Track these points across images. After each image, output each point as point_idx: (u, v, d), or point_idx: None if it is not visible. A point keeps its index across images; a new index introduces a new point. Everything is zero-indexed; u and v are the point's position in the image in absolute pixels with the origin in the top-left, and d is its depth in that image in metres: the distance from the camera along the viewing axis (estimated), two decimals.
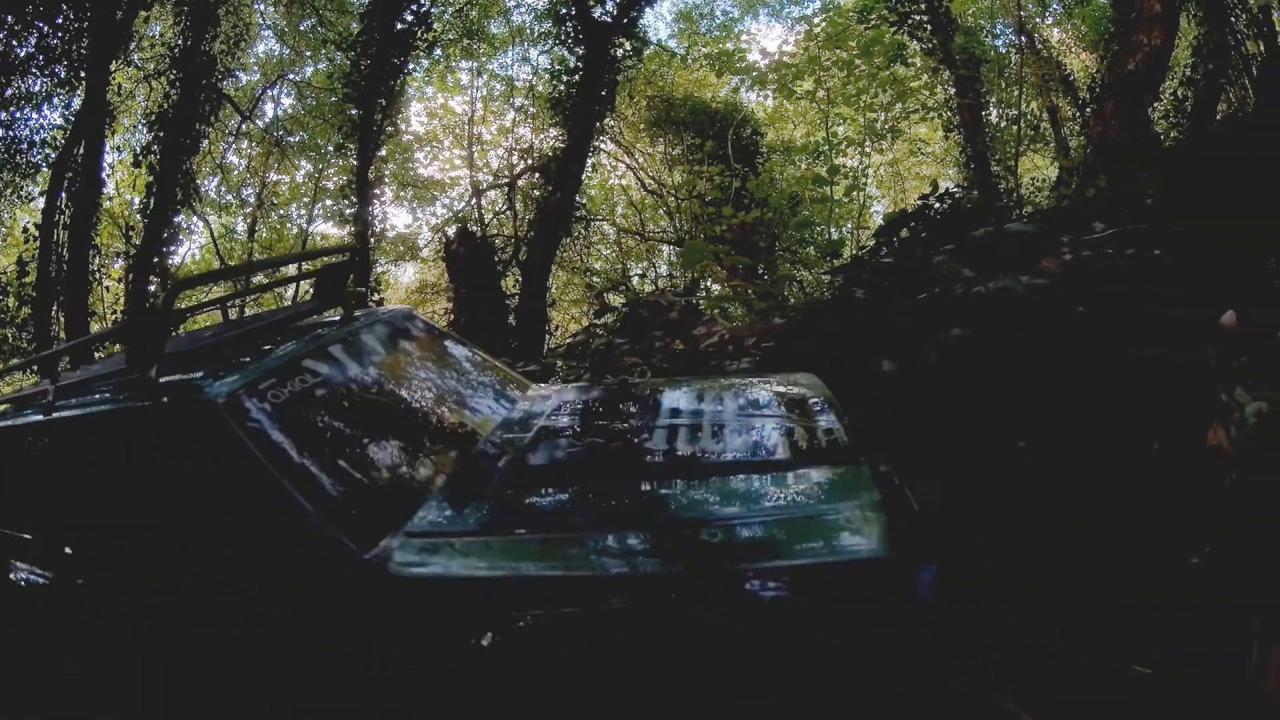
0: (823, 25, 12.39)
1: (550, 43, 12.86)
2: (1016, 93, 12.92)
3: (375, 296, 12.74)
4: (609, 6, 11.78)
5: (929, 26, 12.96)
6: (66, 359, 8.88)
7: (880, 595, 2.11)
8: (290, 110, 15.71)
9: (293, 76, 15.54)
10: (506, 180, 14.48)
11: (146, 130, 11.58)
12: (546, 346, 11.42)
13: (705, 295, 11.94)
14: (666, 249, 16.32)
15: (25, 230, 10.56)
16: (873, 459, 2.70)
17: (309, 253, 7.36)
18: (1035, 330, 4.40)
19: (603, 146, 13.51)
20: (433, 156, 16.56)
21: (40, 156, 10.62)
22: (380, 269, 13.95)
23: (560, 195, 11.79)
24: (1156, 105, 11.14)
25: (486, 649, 2.20)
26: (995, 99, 14.24)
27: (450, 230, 12.84)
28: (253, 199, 15.58)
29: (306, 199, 15.58)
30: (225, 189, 15.33)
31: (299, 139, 15.32)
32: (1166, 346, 3.78)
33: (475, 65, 15.47)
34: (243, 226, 15.99)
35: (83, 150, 10.22)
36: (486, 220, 14.13)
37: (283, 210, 16.01)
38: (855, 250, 11.28)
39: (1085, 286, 4.87)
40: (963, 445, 3.74)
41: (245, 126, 14.84)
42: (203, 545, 2.66)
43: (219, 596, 2.61)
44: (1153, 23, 9.20)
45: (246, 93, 14.86)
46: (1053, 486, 3.38)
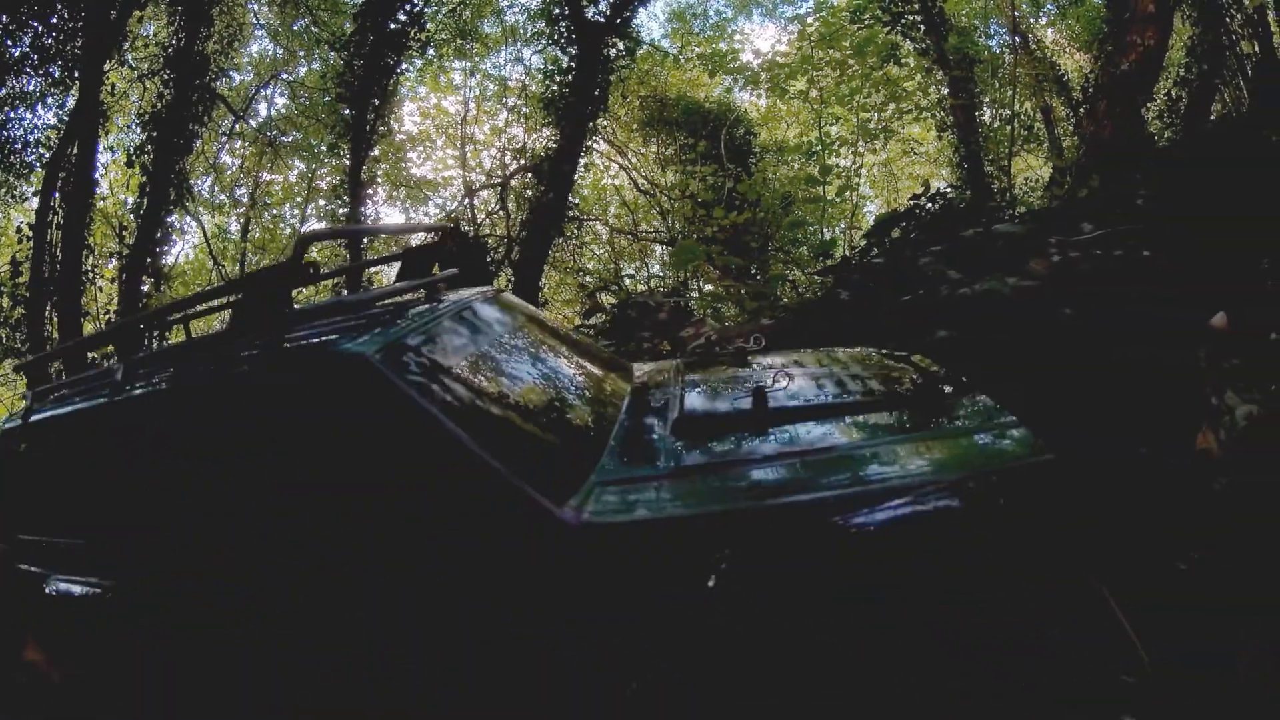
0: (816, 25, 12.39)
1: (543, 43, 12.89)
2: (1010, 93, 12.95)
3: None
4: (602, 6, 11.76)
5: (922, 26, 12.94)
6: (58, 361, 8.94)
7: (1053, 493, 2.28)
8: (284, 110, 15.70)
9: (286, 76, 15.52)
10: (499, 180, 14.43)
11: (140, 130, 11.51)
12: None
13: (698, 295, 11.96)
14: (659, 249, 16.29)
15: (19, 230, 10.51)
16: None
17: (414, 226, 7.22)
18: (1019, 332, 4.42)
19: (596, 146, 13.50)
20: (425, 156, 16.59)
21: (34, 156, 10.57)
22: (374, 270, 13.90)
23: (553, 195, 11.78)
24: (1150, 105, 11.15)
25: (715, 584, 2.14)
26: (989, 99, 14.25)
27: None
28: (246, 199, 15.56)
29: (300, 199, 15.55)
30: (218, 189, 15.32)
31: (292, 139, 15.29)
32: (1156, 346, 3.79)
33: (468, 65, 15.51)
34: (236, 226, 15.97)
35: (76, 150, 10.18)
36: (479, 220, 14.11)
37: (276, 210, 16.00)
38: (848, 250, 11.29)
39: (1072, 288, 4.89)
40: None
41: (239, 126, 14.81)
42: (378, 511, 2.45)
43: (404, 565, 2.41)
44: (1146, 23, 9.19)
45: (240, 92, 14.83)
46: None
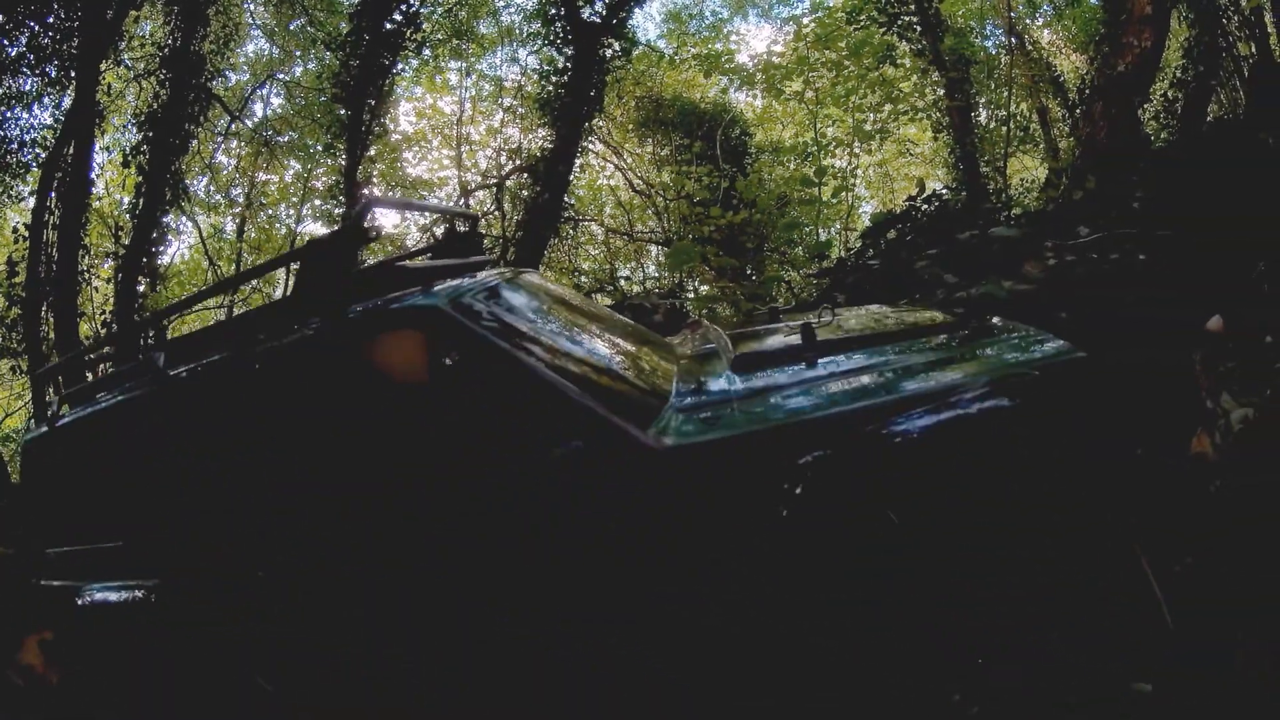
0: (812, 26, 12.39)
1: (539, 43, 12.81)
2: (1006, 94, 12.94)
3: None
4: (598, 7, 11.73)
5: (919, 27, 12.92)
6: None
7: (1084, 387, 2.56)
8: (279, 110, 15.62)
9: (282, 76, 15.44)
10: (495, 180, 14.42)
11: (136, 130, 11.48)
12: None
13: (693, 296, 11.96)
14: (655, 249, 16.29)
15: (15, 230, 10.49)
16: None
17: (455, 210, 7.23)
18: None
19: (591, 147, 13.48)
20: (421, 157, 16.49)
21: (30, 156, 10.52)
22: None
23: (548, 196, 11.75)
24: (1146, 107, 11.14)
25: (804, 489, 2.27)
26: (985, 100, 14.25)
27: (438, 230, 12.78)
28: (241, 199, 15.51)
29: (295, 199, 15.52)
30: (214, 189, 15.26)
31: (288, 139, 15.23)
32: (1154, 348, 3.80)
33: (464, 65, 15.45)
34: (231, 226, 15.92)
35: (72, 150, 10.13)
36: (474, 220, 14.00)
37: (271, 210, 15.94)
38: (843, 252, 11.30)
39: (1068, 291, 4.90)
40: None
41: (234, 126, 14.75)
42: (479, 457, 2.55)
43: (512, 504, 2.51)
44: (1143, 24, 9.18)
45: (236, 92, 14.75)
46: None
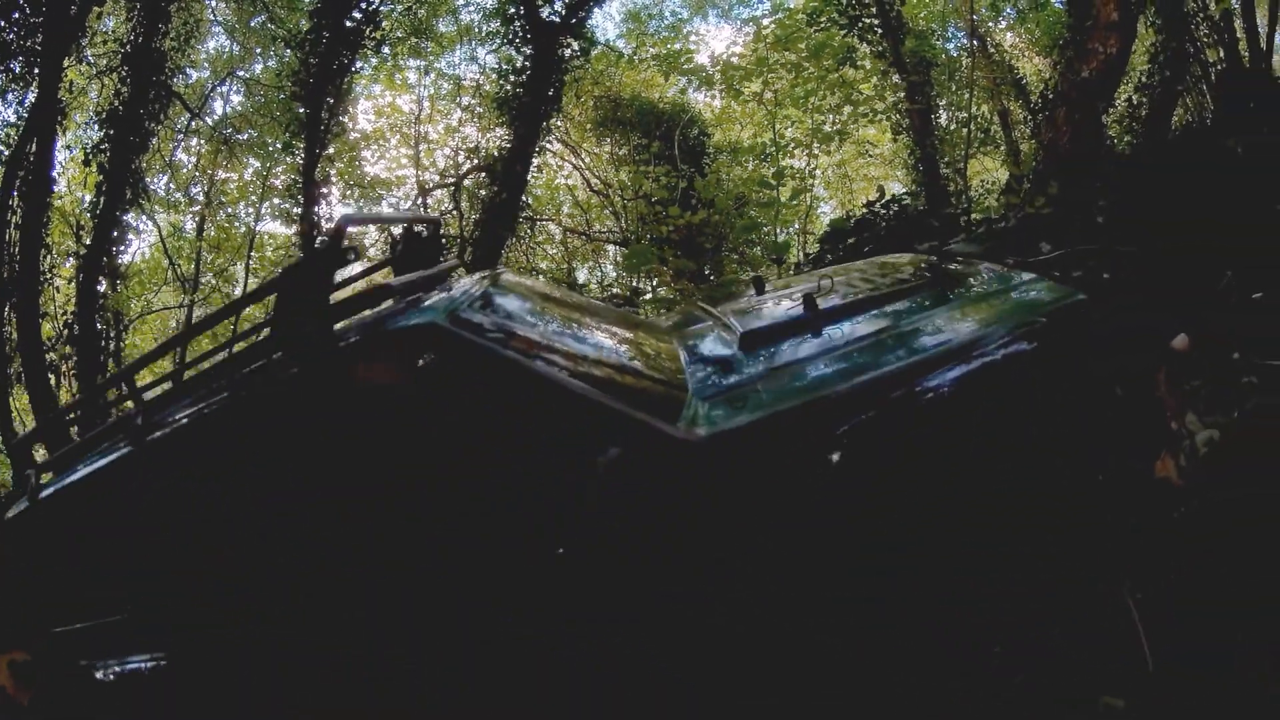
0: (772, 27, 12.35)
1: (498, 42, 12.77)
2: (967, 96, 12.98)
3: None
4: (557, 6, 11.70)
5: (880, 30, 12.95)
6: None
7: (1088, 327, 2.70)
8: (239, 108, 15.52)
9: (242, 73, 15.32)
10: (453, 180, 14.36)
11: (97, 128, 11.35)
12: None
13: (651, 297, 11.94)
14: (612, 249, 16.27)
15: None
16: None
17: (420, 217, 7.14)
18: None
19: (549, 146, 13.42)
20: (379, 155, 16.35)
21: None
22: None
23: (506, 195, 11.71)
24: (1110, 111, 11.13)
25: (841, 457, 2.31)
26: (945, 102, 14.29)
27: (395, 230, 12.65)
28: (201, 197, 15.36)
29: (254, 197, 15.38)
30: (174, 187, 15.10)
31: (248, 137, 15.10)
32: (1124, 356, 3.80)
33: (423, 64, 15.34)
34: (191, 225, 15.76)
35: (35, 148, 10.02)
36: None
37: (231, 208, 15.79)
38: (802, 254, 11.30)
39: None
40: None
41: (194, 124, 14.62)
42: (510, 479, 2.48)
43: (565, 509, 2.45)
44: (1109, 30, 9.08)
45: (196, 90, 14.61)
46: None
